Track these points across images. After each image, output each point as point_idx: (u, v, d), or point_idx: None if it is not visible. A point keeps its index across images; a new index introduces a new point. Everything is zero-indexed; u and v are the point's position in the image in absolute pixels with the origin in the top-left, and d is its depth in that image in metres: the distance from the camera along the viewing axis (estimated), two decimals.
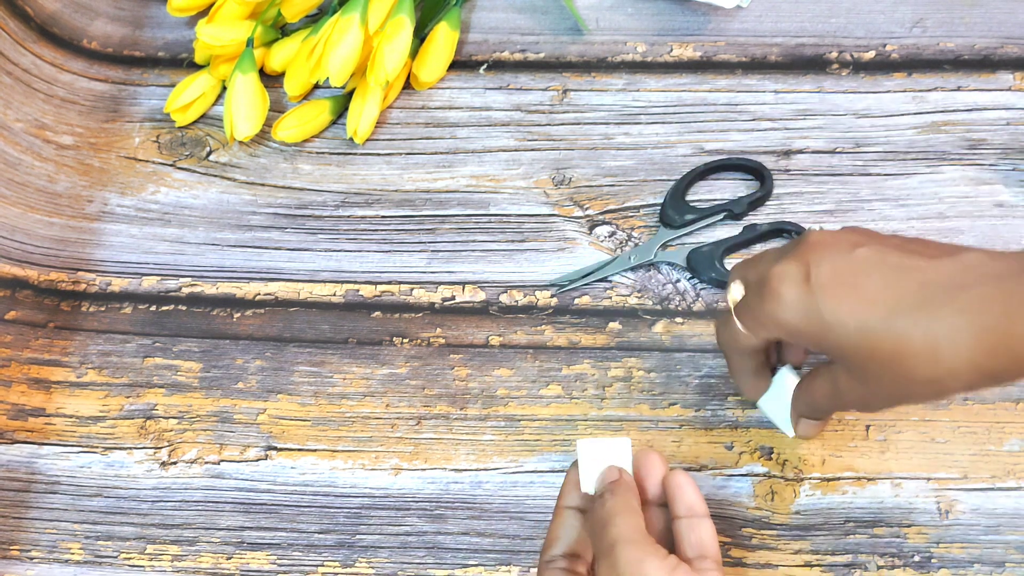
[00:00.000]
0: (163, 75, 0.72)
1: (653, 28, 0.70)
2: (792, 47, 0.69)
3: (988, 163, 0.63)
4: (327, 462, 0.57)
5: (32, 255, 0.65)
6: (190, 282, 0.64)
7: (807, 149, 0.64)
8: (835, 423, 0.55)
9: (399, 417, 0.58)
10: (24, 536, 0.56)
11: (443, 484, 0.56)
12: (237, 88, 0.66)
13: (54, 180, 0.68)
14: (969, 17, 0.69)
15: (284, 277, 0.63)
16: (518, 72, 0.69)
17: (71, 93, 0.71)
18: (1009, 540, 0.52)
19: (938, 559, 0.52)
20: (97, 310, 0.63)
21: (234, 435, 0.58)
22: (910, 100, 0.66)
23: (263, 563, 0.55)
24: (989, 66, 0.66)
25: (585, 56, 0.70)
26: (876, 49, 0.68)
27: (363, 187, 0.66)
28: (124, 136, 0.69)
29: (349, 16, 0.63)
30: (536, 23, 0.72)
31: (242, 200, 0.66)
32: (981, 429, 0.55)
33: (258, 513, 0.56)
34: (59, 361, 0.61)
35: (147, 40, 0.73)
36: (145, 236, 0.65)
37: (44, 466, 0.58)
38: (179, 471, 0.58)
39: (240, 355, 0.61)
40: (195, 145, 0.69)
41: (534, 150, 0.66)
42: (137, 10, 0.75)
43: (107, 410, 0.60)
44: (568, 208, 0.64)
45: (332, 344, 0.61)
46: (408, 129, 0.68)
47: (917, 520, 0.53)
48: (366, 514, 0.56)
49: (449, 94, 0.69)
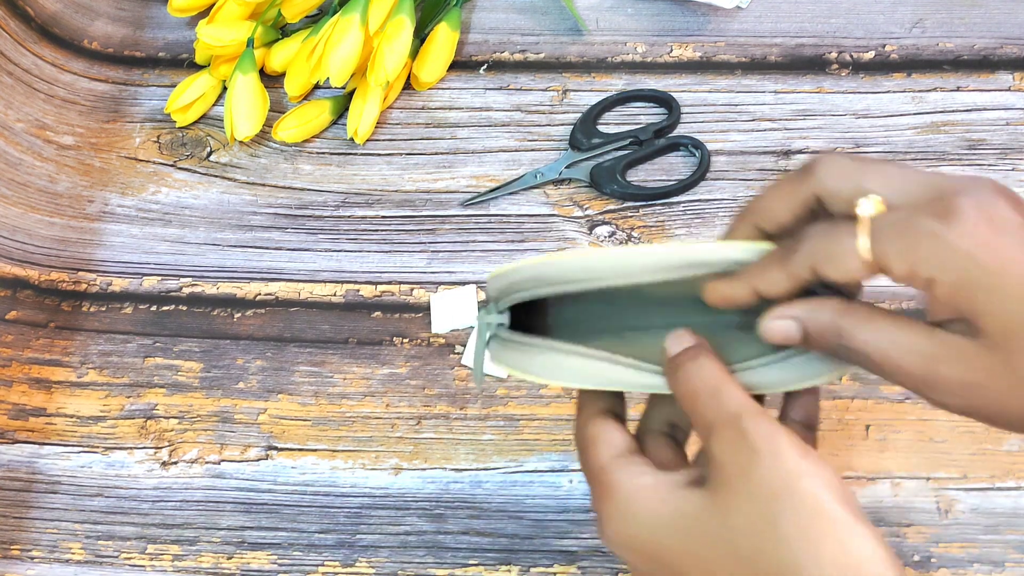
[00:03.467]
0: (164, 75, 0.72)
1: (653, 28, 0.71)
2: (792, 47, 0.69)
3: (988, 163, 0.63)
4: (327, 462, 0.57)
5: (33, 255, 0.65)
6: (191, 282, 0.64)
7: (807, 149, 0.64)
8: (835, 423, 0.55)
9: (399, 417, 0.58)
10: (25, 536, 0.56)
11: (443, 484, 0.56)
12: (237, 88, 0.66)
13: (55, 180, 0.68)
14: (968, 17, 0.69)
15: (285, 277, 0.63)
16: (518, 72, 0.69)
17: (72, 93, 0.71)
18: (1008, 539, 0.52)
19: (937, 558, 0.52)
20: (98, 310, 0.63)
21: (235, 435, 0.58)
22: (909, 100, 0.66)
23: (263, 563, 0.55)
24: (988, 66, 0.66)
25: (585, 56, 0.70)
26: (876, 49, 0.68)
27: (363, 187, 0.66)
28: (125, 136, 0.69)
29: (349, 16, 0.63)
30: (536, 23, 0.72)
31: (243, 200, 0.66)
32: (980, 429, 0.55)
33: (259, 513, 0.56)
34: (60, 361, 0.61)
35: (148, 40, 0.73)
36: (146, 236, 0.65)
37: (45, 466, 0.58)
38: (180, 471, 0.58)
39: (241, 355, 0.61)
40: (196, 145, 0.69)
41: (534, 150, 0.66)
42: (138, 10, 0.75)
43: (108, 410, 0.60)
44: (568, 208, 0.64)
45: (332, 344, 0.61)
46: (408, 129, 0.68)
47: (916, 519, 0.53)
48: (366, 514, 0.56)
49: (449, 94, 0.69)
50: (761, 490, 0.34)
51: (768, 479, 0.34)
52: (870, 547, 0.33)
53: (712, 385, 0.37)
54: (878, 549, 0.33)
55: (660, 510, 0.36)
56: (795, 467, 0.34)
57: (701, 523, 0.35)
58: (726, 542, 0.34)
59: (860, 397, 0.56)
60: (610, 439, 0.39)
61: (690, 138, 0.65)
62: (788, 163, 0.64)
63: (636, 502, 0.37)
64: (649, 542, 0.36)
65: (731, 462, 0.35)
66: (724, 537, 0.34)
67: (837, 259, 0.35)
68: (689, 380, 0.38)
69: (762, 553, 0.33)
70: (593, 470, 0.39)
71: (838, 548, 0.32)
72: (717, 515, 0.35)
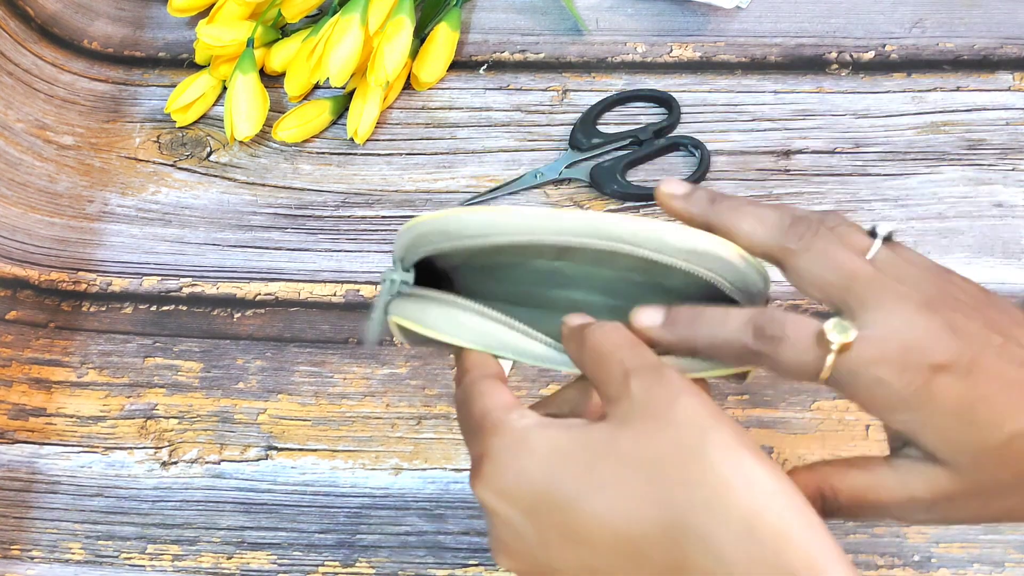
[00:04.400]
0: (164, 75, 0.72)
1: (653, 28, 0.71)
2: (792, 47, 0.69)
3: (987, 163, 0.63)
4: (327, 462, 0.57)
5: (33, 255, 0.65)
6: (191, 282, 0.64)
7: (807, 149, 0.64)
8: (835, 423, 0.55)
9: (399, 417, 0.58)
10: (25, 536, 0.56)
11: (443, 484, 0.56)
12: (237, 88, 0.66)
13: (55, 180, 0.68)
14: (968, 17, 0.69)
15: (284, 277, 0.63)
16: (518, 72, 0.69)
17: (72, 93, 0.71)
18: (1009, 539, 0.52)
19: (938, 559, 0.52)
20: (98, 310, 0.63)
21: (234, 435, 0.58)
22: (909, 100, 0.66)
23: (263, 563, 0.55)
24: (988, 66, 0.66)
25: (585, 56, 0.70)
26: (875, 49, 0.68)
27: (363, 187, 0.66)
28: (125, 136, 0.69)
29: (349, 16, 0.63)
30: (536, 23, 0.72)
31: (242, 200, 0.66)
32: None
33: (258, 513, 0.56)
34: (60, 361, 0.61)
35: (148, 40, 0.73)
36: (146, 236, 0.65)
37: (45, 466, 0.58)
38: (180, 471, 0.58)
39: (240, 355, 0.61)
40: (195, 145, 0.69)
41: (534, 150, 0.66)
42: (138, 10, 0.75)
43: (108, 410, 0.60)
44: (568, 208, 0.64)
45: (332, 344, 0.61)
46: (408, 129, 0.68)
47: None
48: (366, 514, 0.56)
49: (449, 94, 0.69)
50: (687, 420, 0.34)
51: (693, 413, 0.34)
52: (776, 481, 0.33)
53: (630, 341, 0.37)
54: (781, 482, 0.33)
55: (559, 442, 0.35)
56: (714, 409, 0.34)
57: (612, 451, 0.34)
58: (640, 467, 0.34)
59: None
60: (499, 393, 0.38)
61: (690, 138, 0.65)
62: (788, 163, 0.64)
63: (531, 438, 0.35)
64: (540, 479, 0.35)
65: (654, 397, 0.34)
66: (638, 461, 0.34)
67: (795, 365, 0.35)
68: (603, 341, 0.37)
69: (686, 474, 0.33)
70: (477, 417, 0.37)
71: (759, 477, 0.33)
72: (632, 443, 0.34)
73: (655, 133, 0.65)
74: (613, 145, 0.65)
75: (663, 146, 0.65)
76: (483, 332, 0.39)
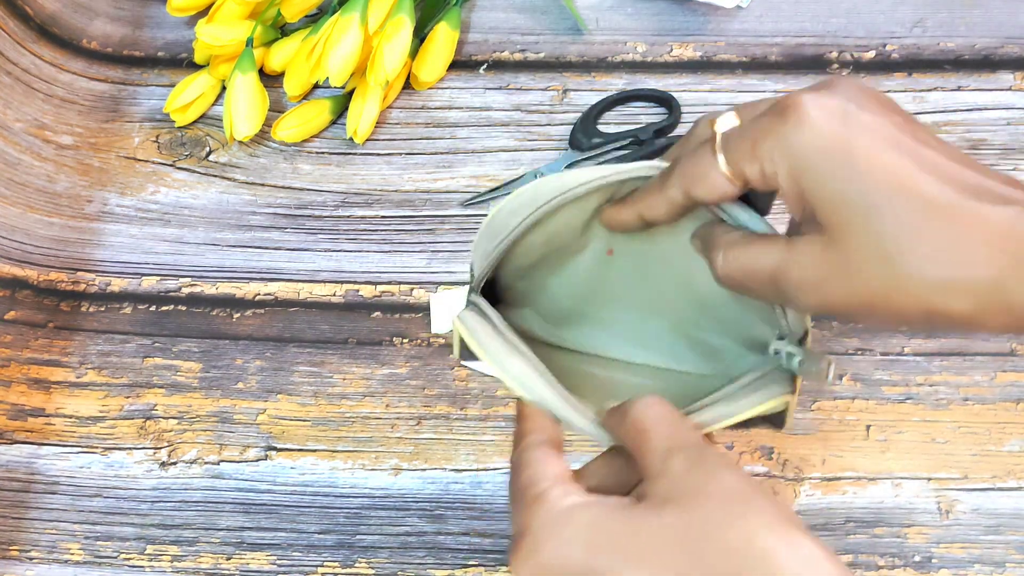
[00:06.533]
0: (163, 75, 0.72)
1: (653, 28, 0.70)
2: (792, 47, 0.69)
3: (988, 163, 0.63)
4: (327, 462, 0.57)
5: (32, 255, 0.65)
6: (190, 282, 0.63)
7: None
8: (836, 423, 0.55)
9: (399, 417, 0.58)
10: (23, 536, 0.56)
11: (443, 484, 0.56)
12: (237, 88, 0.66)
13: (54, 180, 0.68)
14: (969, 17, 0.68)
15: (284, 277, 0.63)
16: (518, 72, 0.69)
17: (71, 93, 0.71)
18: (1010, 540, 0.52)
19: (938, 559, 0.52)
20: (97, 310, 0.63)
21: (234, 435, 0.58)
22: (910, 100, 0.66)
23: (263, 563, 0.55)
24: (989, 66, 0.66)
25: (585, 56, 0.70)
26: (876, 49, 0.68)
27: (363, 187, 0.66)
28: (124, 136, 0.69)
29: (349, 16, 0.63)
30: (536, 23, 0.72)
31: (242, 200, 0.66)
32: (982, 429, 0.55)
33: (258, 513, 0.56)
34: (59, 361, 0.61)
35: (147, 40, 0.73)
36: (145, 236, 0.65)
37: (43, 466, 0.58)
38: (179, 471, 0.58)
39: (240, 355, 0.61)
40: (195, 145, 0.69)
41: (534, 150, 0.66)
42: (137, 10, 0.75)
43: (107, 410, 0.59)
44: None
45: (332, 344, 0.61)
46: (408, 129, 0.68)
47: (918, 520, 0.53)
48: (366, 514, 0.56)
49: (449, 94, 0.69)
50: (727, 494, 0.34)
51: (732, 488, 0.34)
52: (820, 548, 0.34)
53: (673, 418, 0.38)
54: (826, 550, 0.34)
55: (601, 523, 0.35)
56: (750, 484, 0.35)
57: (653, 531, 0.35)
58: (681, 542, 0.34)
59: (861, 398, 0.56)
60: (549, 462, 0.39)
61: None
62: None
63: (573, 517, 0.36)
64: (580, 560, 0.35)
65: (694, 476, 0.35)
66: (679, 537, 0.34)
67: (702, 178, 0.37)
68: (643, 417, 0.38)
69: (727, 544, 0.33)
70: (522, 487, 0.38)
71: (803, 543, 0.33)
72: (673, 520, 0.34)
73: (655, 133, 0.65)
74: (613, 145, 0.65)
75: (663, 146, 0.65)
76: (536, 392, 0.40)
